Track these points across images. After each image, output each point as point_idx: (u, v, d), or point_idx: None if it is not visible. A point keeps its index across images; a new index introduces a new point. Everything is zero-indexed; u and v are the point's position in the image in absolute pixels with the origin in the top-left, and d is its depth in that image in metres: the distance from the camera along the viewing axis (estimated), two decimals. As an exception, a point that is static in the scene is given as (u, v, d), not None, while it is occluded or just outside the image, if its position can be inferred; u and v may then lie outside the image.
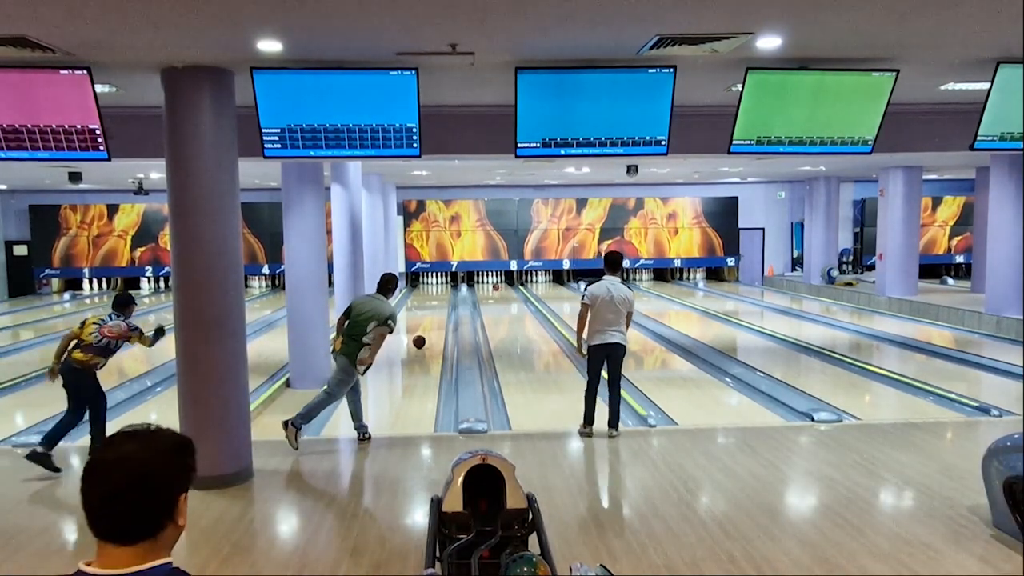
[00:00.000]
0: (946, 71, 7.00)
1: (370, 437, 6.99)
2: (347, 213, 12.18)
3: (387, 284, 7.02)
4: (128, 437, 1.44)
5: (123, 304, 7.04)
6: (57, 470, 6.36)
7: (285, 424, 6.65)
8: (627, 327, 6.99)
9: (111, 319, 6.84)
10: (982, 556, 4.49)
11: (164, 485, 1.42)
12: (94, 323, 6.81)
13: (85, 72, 6.05)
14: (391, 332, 6.87)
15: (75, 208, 23.33)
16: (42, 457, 6.37)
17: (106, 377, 9.91)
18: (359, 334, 6.71)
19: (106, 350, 6.76)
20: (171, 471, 1.44)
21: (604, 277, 6.98)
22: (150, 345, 7.03)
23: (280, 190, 10.14)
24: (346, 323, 6.84)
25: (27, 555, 4.71)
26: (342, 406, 7.17)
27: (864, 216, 24.22)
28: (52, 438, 6.50)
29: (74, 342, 6.72)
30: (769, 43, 5.84)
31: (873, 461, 6.20)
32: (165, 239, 21.41)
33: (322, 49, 5.87)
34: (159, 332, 7.09)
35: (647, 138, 6.78)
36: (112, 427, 6.85)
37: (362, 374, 6.83)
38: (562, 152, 6.79)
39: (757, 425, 7.61)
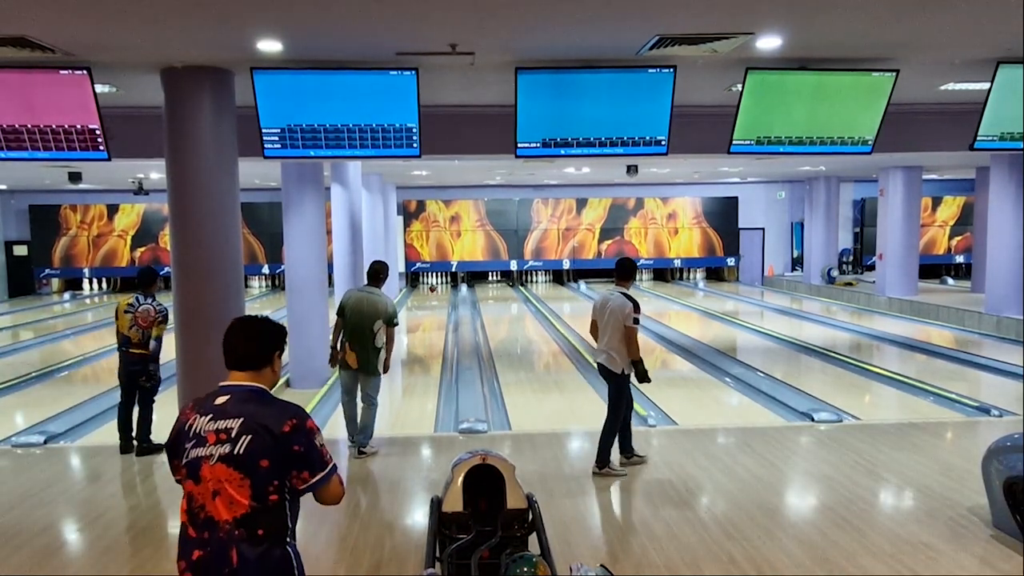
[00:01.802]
0: (946, 71, 7.01)
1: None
2: (347, 213, 12.18)
3: (379, 274, 6.59)
4: (250, 318, 2.59)
5: (147, 281, 6.74)
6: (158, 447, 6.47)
7: (361, 453, 6.53)
8: (629, 347, 5.97)
9: (139, 302, 6.58)
10: (982, 556, 4.48)
11: (266, 343, 2.53)
12: (126, 311, 6.57)
13: (85, 72, 6.05)
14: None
15: (75, 208, 23.31)
16: (148, 449, 6.57)
17: (106, 376, 9.96)
18: (370, 338, 6.42)
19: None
20: (270, 337, 2.55)
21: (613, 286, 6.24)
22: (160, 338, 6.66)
23: (280, 190, 10.15)
24: (344, 324, 6.50)
25: (27, 555, 4.70)
26: (339, 409, 7.16)
27: (864, 216, 24.20)
28: (131, 427, 6.68)
29: (124, 336, 6.56)
30: (769, 43, 5.84)
31: (873, 461, 6.20)
32: (165, 239, 21.40)
33: (322, 49, 5.87)
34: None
35: (647, 138, 6.78)
36: (113, 426, 6.86)
37: (385, 372, 6.69)
38: (562, 152, 6.79)
39: (757, 425, 7.60)
